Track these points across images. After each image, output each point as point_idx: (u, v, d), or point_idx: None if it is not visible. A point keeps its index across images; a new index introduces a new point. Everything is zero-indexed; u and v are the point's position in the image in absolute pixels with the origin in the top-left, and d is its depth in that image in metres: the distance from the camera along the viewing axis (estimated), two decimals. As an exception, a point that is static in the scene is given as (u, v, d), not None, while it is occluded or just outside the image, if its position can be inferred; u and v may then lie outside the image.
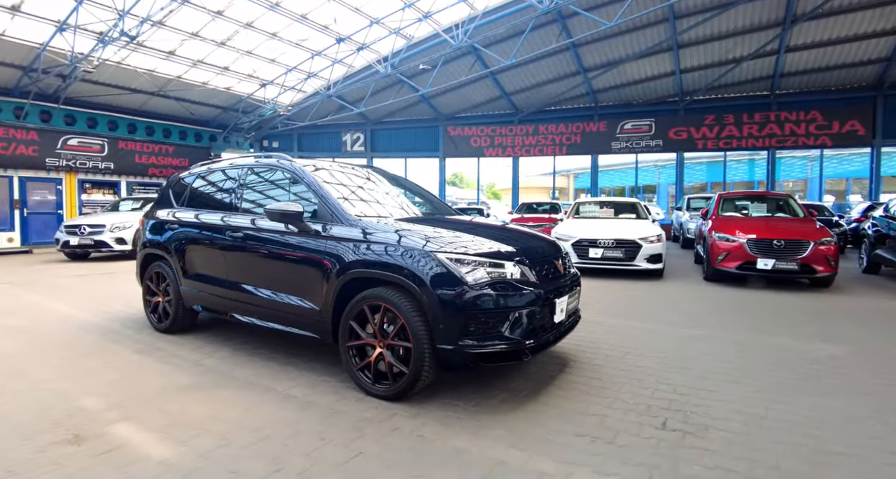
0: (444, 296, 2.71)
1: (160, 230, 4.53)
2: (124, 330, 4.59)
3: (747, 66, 16.47)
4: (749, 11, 14.12)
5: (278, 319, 3.49)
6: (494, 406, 2.89)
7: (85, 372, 3.41)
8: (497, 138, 20.91)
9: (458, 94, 19.60)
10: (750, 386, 3.27)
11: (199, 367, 3.56)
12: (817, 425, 2.71)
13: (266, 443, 2.41)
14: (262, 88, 18.10)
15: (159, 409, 2.81)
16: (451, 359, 2.76)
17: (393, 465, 2.22)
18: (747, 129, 18.20)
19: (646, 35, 15.51)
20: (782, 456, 2.36)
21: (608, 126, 19.79)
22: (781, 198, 9.31)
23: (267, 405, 2.89)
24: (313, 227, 3.29)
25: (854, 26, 14.36)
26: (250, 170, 4.03)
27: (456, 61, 16.94)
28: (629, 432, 2.59)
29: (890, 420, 2.76)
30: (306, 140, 22.77)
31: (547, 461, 2.27)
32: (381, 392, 2.93)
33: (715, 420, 2.73)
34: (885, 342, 4.36)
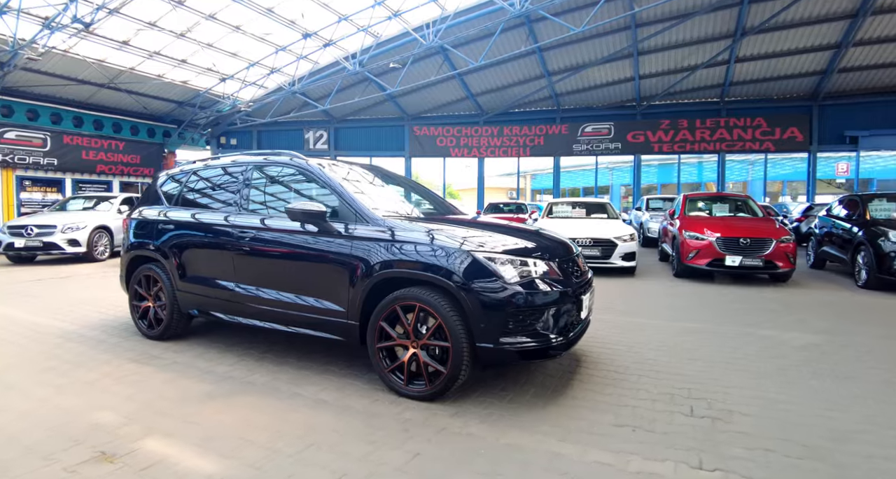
0: (484, 295, 2.73)
1: (151, 231, 4.28)
2: (110, 339, 4.30)
3: (701, 74, 17.40)
4: (704, 23, 14.93)
5: (297, 322, 3.38)
6: (529, 402, 2.94)
7: (85, 385, 3.18)
8: (463, 139, 21.06)
9: (424, 94, 19.59)
10: (752, 373, 3.49)
11: (210, 374, 3.40)
12: (824, 406, 2.93)
13: (315, 451, 2.35)
14: (221, 82, 17.42)
15: (184, 420, 2.67)
16: (491, 357, 2.79)
17: (455, 464, 2.23)
18: (699, 133, 19.22)
19: (609, 42, 16.08)
20: (805, 435, 2.55)
21: (570, 129, 20.37)
22: (741, 199, 9.92)
23: (299, 411, 2.80)
24: (336, 227, 3.23)
25: (794, 41, 15.48)
26: (258, 168, 3.89)
27: (424, 61, 16.93)
28: (663, 420, 2.71)
29: (885, 400, 3.02)
30: (266, 138, 22.09)
31: (601, 451, 2.35)
32: (416, 393, 2.91)
33: (736, 406, 2.90)
34: (851, 330, 4.75)
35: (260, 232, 3.56)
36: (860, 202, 8.46)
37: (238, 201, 3.82)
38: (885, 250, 7.05)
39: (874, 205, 8.47)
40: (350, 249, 3.13)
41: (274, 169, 3.85)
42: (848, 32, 14.69)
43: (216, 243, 3.80)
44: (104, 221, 11.07)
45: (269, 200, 3.78)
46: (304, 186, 3.66)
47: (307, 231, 3.32)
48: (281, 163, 3.79)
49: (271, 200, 3.76)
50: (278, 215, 3.60)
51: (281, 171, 3.82)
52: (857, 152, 18.02)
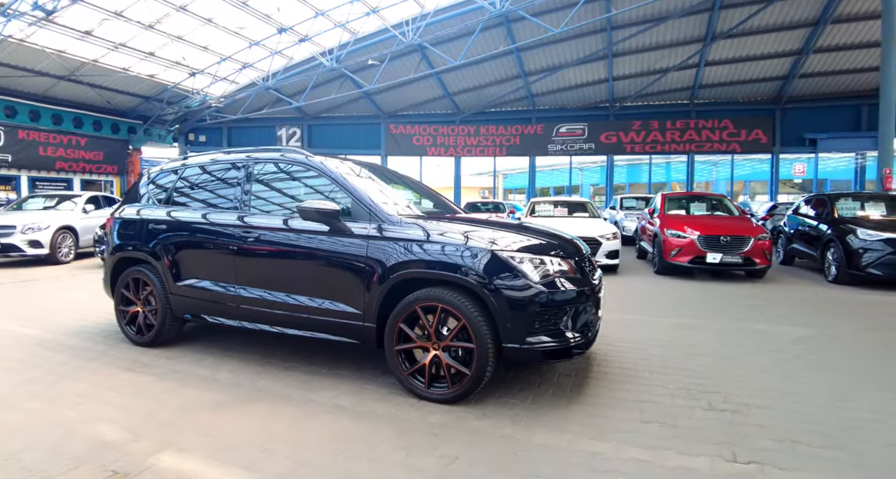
0: (511, 295, 2.70)
1: (141, 231, 4.05)
2: (95, 346, 4.04)
3: (672, 76, 17.90)
4: (677, 26, 15.35)
5: (308, 326, 3.26)
6: (551, 402, 2.92)
7: (80, 397, 2.96)
8: (439, 138, 21.03)
9: (400, 92, 19.45)
10: (755, 367, 3.58)
11: (214, 382, 3.23)
12: (831, 397, 3.02)
13: (346, 460, 2.25)
14: (191, 77, 16.81)
15: (197, 432, 2.52)
16: (516, 358, 2.75)
17: (495, 468, 2.17)
18: (670, 134, 19.80)
19: (585, 43, 16.35)
20: (821, 425, 2.62)
21: (545, 129, 20.63)
22: (716, 198, 10.24)
23: (317, 418, 2.69)
24: (350, 226, 3.13)
25: (760, 47, 16.12)
26: (260, 164, 3.73)
27: (402, 59, 16.80)
28: (685, 415, 2.74)
29: (884, 389, 3.15)
30: (237, 134, 21.48)
31: (635, 448, 2.35)
32: (438, 396, 2.84)
33: (750, 398, 2.96)
34: (834, 324, 4.95)
35: (266, 232, 3.41)
36: (828, 201, 8.85)
37: (239, 200, 3.65)
38: (854, 247, 7.38)
39: (840, 204, 8.89)
40: (366, 249, 3.03)
41: (279, 166, 3.70)
42: (809, 40, 15.39)
43: (215, 244, 3.63)
44: (68, 221, 10.50)
45: (273, 198, 3.63)
46: (310, 184, 3.52)
47: (318, 231, 3.19)
48: (287, 160, 3.64)
49: (276, 199, 3.61)
50: (286, 215, 3.45)
51: (286, 168, 3.68)
52: (816, 154, 18.92)
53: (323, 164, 3.43)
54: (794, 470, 2.19)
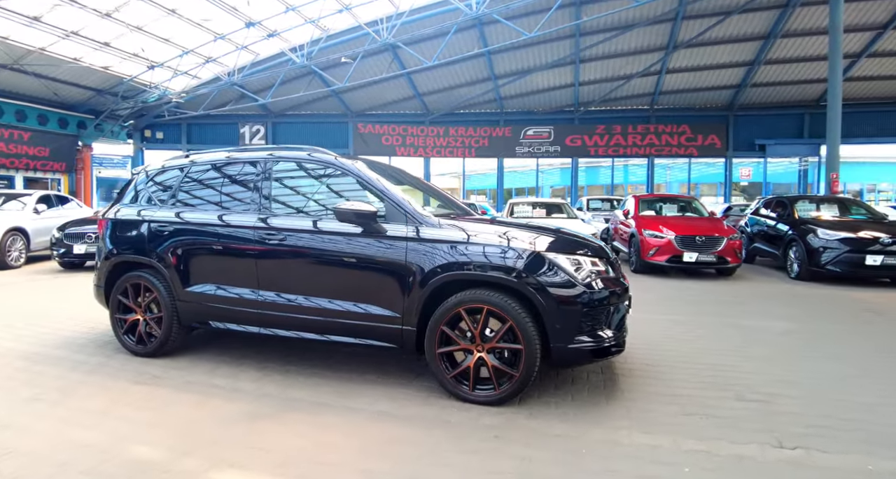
0: (560, 296, 2.73)
1: (143, 234, 3.78)
2: (89, 358, 3.73)
3: (635, 82, 18.59)
4: (642, 35, 15.96)
5: (339, 331, 3.16)
6: (590, 399, 2.98)
7: (95, 415, 2.75)
8: (409, 138, 20.94)
9: (369, 90, 19.23)
10: (761, 359, 3.78)
11: (239, 392, 3.08)
12: (840, 384, 3.25)
13: (415, 467, 2.20)
14: (149, 70, 15.98)
15: (243, 446, 2.39)
16: (565, 357, 2.80)
17: (569, 466, 2.20)
18: (631, 138, 20.55)
19: (554, 48, 16.71)
20: (841, 410, 2.83)
21: (513, 131, 20.94)
22: (686, 200, 10.73)
23: (365, 425, 2.62)
24: (387, 228, 3.07)
25: (716, 56, 17.01)
26: (282, 164, 3.59)
27: (373, 57, 16.61)
28: (720, 406, 2.87)
29: (879, 376, 3.41)
30: (198, 131, 20.59)
31: (689, 440, 2.44)
32: (484, 398, 2.83)
33: (770, 389, 3.13)
34: (811, 318, 5.30)
35: (294, 234, 3.28)
36: (788, 203, 9.46)
37: (258, 201, 3.49)
38: (815, 246, 7.92)
39: (799, 206, 9.52)
40: (405, 251, 2.98)
41: (303, 166, 3.58)
42: (760, 52, 16.39)
43: (234, 247, 3.46)
44: (18, 222, 9.72)
45: (299, 199, 3.51)
46: (337, 185, 3.44)
47: (352, 233, 3.11)
48: (313, 160, 3.52)
49: (302, 200, 3.50)
50: (314, 216, 3.34)
51: (311, 168, 3.56)
52: (765, 159, 20.14)
53: (354, 166, 3.35)
54: (837, 453, 2.34)
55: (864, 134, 18.68)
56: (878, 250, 7.45)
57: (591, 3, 14.20)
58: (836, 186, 12.06)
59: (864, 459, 2.29)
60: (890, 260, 7.38)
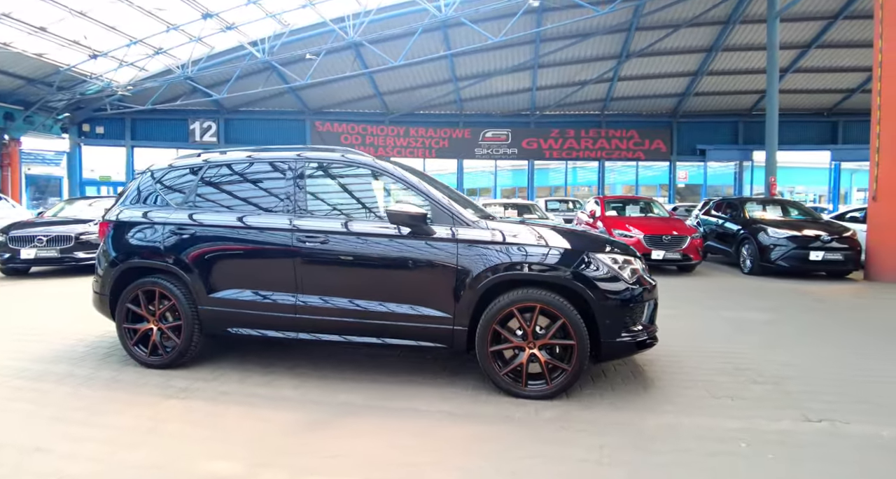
0: (609, 293, 2.92)
1: (159, 237, 3.58)
2: (97, 372, 3.48)
3: (588, 88, 19.44)
4: (598, 43, 16.73)
5: (390, 332, 3.17)
6: (629, 389, 3.17)
7: (143, 433, 2.59)
8: (368, 137, 20.76)
9: (328, 88, 18.90)
10: (756, 346, 4.15)
11: (286, 401, 3.01)
12: (835, 364, 3.66)
13: (506, 461, 2.27)
14: (91, 59, 14.88)
15: (321, 455, 2.35)
16: (613, 351, 2.98)
17: (646, 449, 2.39)
18: (584, 142, 21.47)
19: (515, 53, 17.17)
20: (843, 386, 3.21)
21: (472, 133, 21.29)
22: (646, 201, 11.40)
23: (434, 426, 2.65)
24: (436, 230, 3.11)
25: (664, 66, 18.13)
26: (314, 164, 3.54)
27: (335, 55, 16.35)
28: (740, 388, 3.16)
29: (861, 356, 3.87)
30: (143, 127, 19.38)
31: (731, 420, 2.69)
32: (537, 393, 2.95)
33: (777, 372, 3.47)
34: (779, 308, 5.85)
35: (337, 237, 3.24)
36: (739, 205, 10.29)
37: (291, 202, 3.40)
38: (765, 243, 8.69)
39: (748, 206, 10.38)
40: (455, 252, 3.05)
41: (337, 167, 3.55)
42: (703, 63, 17.64)
43: (269, 250, 3.37)
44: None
45: (332, 200, 3.48)
46: (372, 187, 3.46)
47: (400, 235, 3.13)
48: (347, 161, 3.48)
49: (336, 201, 3.47)
50: (352, 217, 3.32)
51: (345, 169, 3.53)
52: (705, 162, 21.67)
53: (396, 168, 3.39)
54: (856, 423, 2.67)
55: (787, 141, 20.38)
56: (819, 246, 8.29)
57: (553, 11, 14.72)
58: (775, 188, 13.23)
59: (876, 428, 2.64)
60: (829, 256, 8.24)
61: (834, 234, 8.39)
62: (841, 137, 20.36)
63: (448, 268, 3.06)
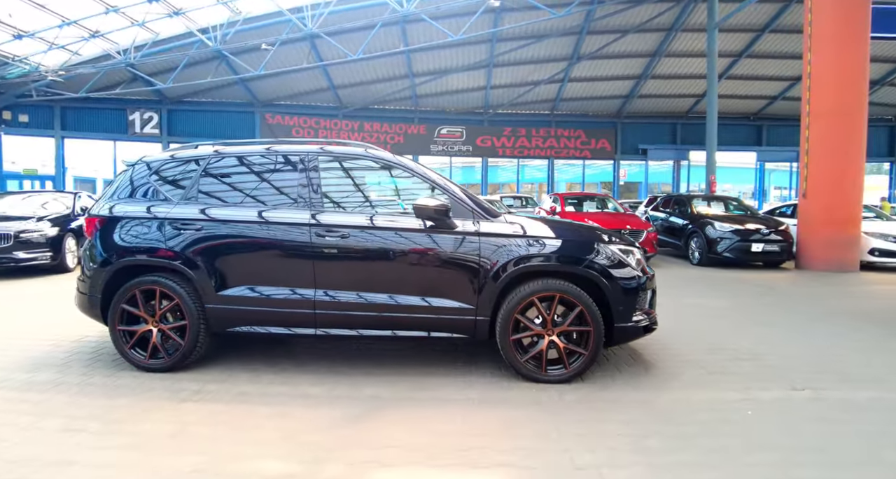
0: (622, 281, 3.16)
1: (157, 233, 3.42)
2: (89, 380, 3.22)
3: (540, 89, 20.05)
4: (551, 45, 17.31)
5: (409, 325, 3.23)
6: (632, 371, 3.43)
7: (173, 439, 2.47)
8: (322, 131, 20.32)
9: (280, 80, 18.32)
10: (726, 328, 4.59)
11: (311, 398, 2.98)
12: (796, 342, 4.12)
13: (556, 440, 2.42)
14: (16, 40, 13.57)
15: (374, 446, 2.37)
16: (625, 335, 3.22)
17: (667, 420, 2.63)
18: (535, 141, 22.13)
19: (471, 51, 17.42)
20: (813, 359, 3.65)
21: (427, 130, 21.38)
22: (602, 197, 12.02)
23: (472, 413, 2.74)
24: (458, 223, 3.21)
25: (610, 69, 19.05)
26: (332, 158, 3.53)
27: (289, 46, 15.87)
28: (728, 365, 3.50)
29: (816, 336, 4.38)
30: (75, 116, 17.89)
31: (730, 392, 3.01)
32: (557, 377, 3.13)
33: (753, 349, 3.87)
34: (734, 295, 6.42)
35: (360, 231, 3.25)
36: (686, 201, 11.09)
37: (310, 196, 3.38)
38: (712, 237, 9.45)
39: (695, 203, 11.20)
40: (478, 245, 3.17)
41: (356, 163, 3.54)
42: (647, 67, 18.70)
43: (285, 246, 3.32)
44: None
45: (353, 195, 3.49)
46: (391, 182, 3.51)
47: (423, 229, 3.20)
48: (369, 157, 3.49)
49: (357, 196, 3.49)
50: (375, 212, 3.35)
51: (365, 165, 3.53)
52: (646, 162, 22.97)
53: (416, 164, 3.46)
54: (831, 390, 3.07)
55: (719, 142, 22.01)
56: (759, 239, 9.14)
57: (511, 11, 15.08)
58: (715, 186, 14.31)
59: (849, 393, 3.05)
60: (768, 247, 9.10)
61: (771, 227, 9.27)
62: (765, 139, 22.24)
63: (471, 261, 3.18)
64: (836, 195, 8.84)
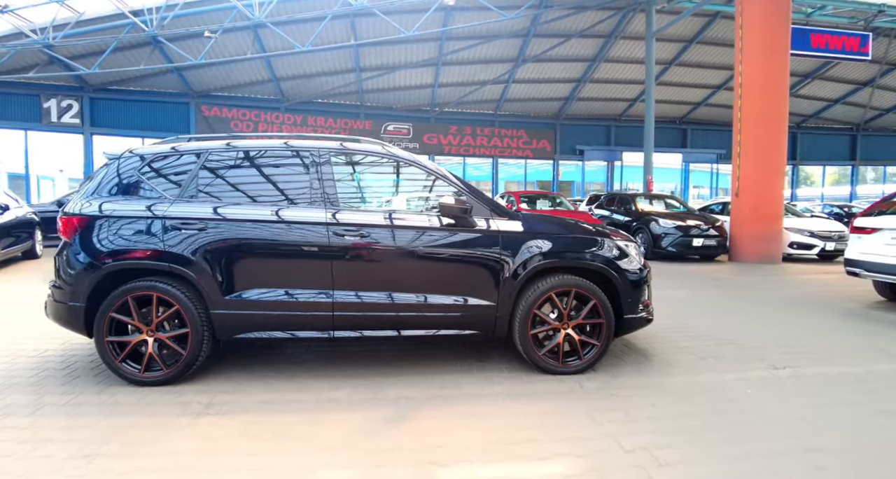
0: (630, 275, 3.39)
1: (155, 233, 3.18)
2: (81, 399, 2.92)
3: (486, 89, 20.43)
4: (499, 46, 17.69)
5: (428, 324, 3.26)
6: (635, 360, 3.69)
7: (206, 456, 2.33)
8: (262, 125, 19.46)
9: (218, 70, 17.35)
10: (701, 317, 5.00)
11: (336, 402, 2.91)
12: (762, 327, 4.58)
13: (601, 425, 2.58)
14: None
15: (425, 445, 2.40)
16: (632, 325, 3.44)
17: (687, 401, 2.88)
18: (479, 139, 22.52)
19: (420, 49, 17.42)
20: (782, 342, 4.08)
21: (373, 126, 21.09)
22: (555, 196, 12.54)
23: (507, 407, 2.83)
24: (478, 222, 3.28)
25: (553, 72, 19.79)
26: (348, 156, 3.45)
27: (231, 34, 15.05)
28: (714, 350, 3.86)
29: (774, 319, 4.91)
30: (-26, 101, 15.84)
31: (727, 373, 3.35)
32: (574, 368, 3.30)
33: (728, 335, 4.28)
34: (688, 287, 7.00)
35: (381, 230, 3.22)
36: (631, 199, 11.83)
37: (327, 194, 3.28)
38: (657, 233, 10.18)
39: (639, 201, 11.98)
40: (499, 243, 3.27)
41: (372, 160, 3.48)
42: (586, 71, 19.63)
43: (302, 246, 3.21)
44: None
45: (370, 193, 3.46)
46: (410, 181, 3.52)
47: (447, 227, 3.24)
48: (384, 155, 3.45)
49: (375, 194, 3.46)
50: (395, 211, 3.33)
51: (381, 162, 3.48)
52: (583, 162, 24.11)
53: (433, 164, 3.51)
54: (807, 367, 3.50)
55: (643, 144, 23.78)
56: (698, 234, 9.96)
57: (462, 11, 15.25)
58: (652, 185, 15.35)
59: (822, 368, 3.48)
60: (707, 242, 9.94)
61: (708, 224, 10.13)
62: (689, 142, 24.09)
63: (492, 258, 3.26)
64: (763, 194, 9.84)
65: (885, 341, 4.22)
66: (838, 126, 24.98)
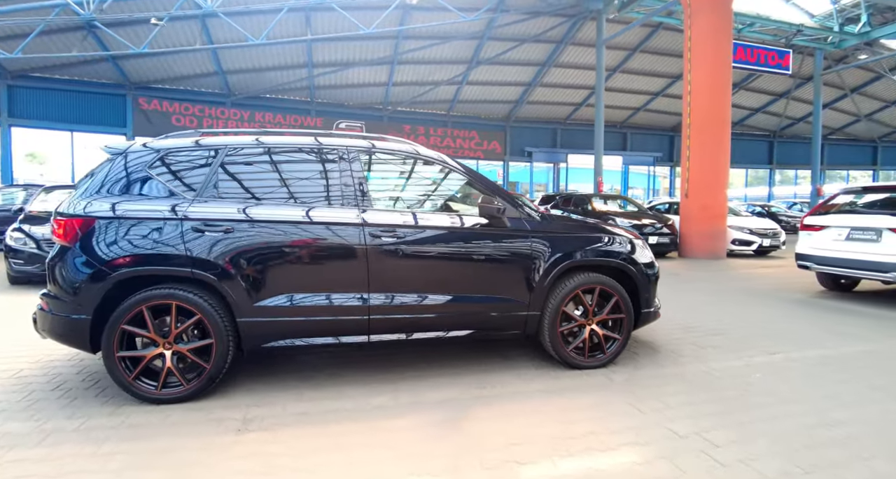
0: (647, 271, 3.61)
1: (175, 236, 2.95)
2: (86, 423, 2.67)
3: (440, 89, 20.55)
4: (454, 48, 17.85)
5: (461, 325, 3.29)
6: (647, 352, 3.91)
7: (268, 474, 2.24)
8: (206, 120, 18.46)
9: (158, 60, 16.26)
10: (684, 310, 5.34)
11: (384, 409, 2.86)
12: (740, 318, 4.99)
13: (639, 416, 2.75)
14: None
15: (494, 446, 2.46)
16: (648, 319, 3.65)
17: (711, 387, 3.13)
18: (432, 140, 22.57)
19: (376, 46, 17.23)
20: (763, 332, 4.47)
21: (324, 123, 20.54)
22: (517, 196, 12.86)
23: (554, 403, 2.92)
24: (510, 223, 3.35)
25: (504, 75, 20.25)
26: (380, 155, 3.41)
27: (176, 23, 14.17)
28: (711, 340, 4.18)
29: (749, 308, 5.37)
30: None
31: (730, 361, 3.64)
32: (598, 363, 3.47)
33: (715, 326, 4.65)
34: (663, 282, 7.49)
35: (417, 231, 3.20)
36: (587, 199, 12.39)
37: (359, 194, 3.20)
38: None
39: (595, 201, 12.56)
40: (530, 243, 3.35)
41: (404, 161, 3.45)
42: (536, 75, 20.25)
43: (336, 247, 3.11)
44: None
45: (403, 194, 3.43)
46: (442, 182, 3.52)
47: (481, 228, 3.29)
48: (417, 155, 3.43)
49: (407, 195, 3.43)
50: (430, 212, 3.33)
51: (409, 162, 3.46)
52: (531, 163, 24.85)
53: (464, 165, 3.53)
54: (795, 352, 3.88)
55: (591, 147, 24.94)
56: (653, 232, 10.62)
57: (420, 11, 15.25)
58: (602, 186, 16.11)
59: (807, 352, 3.88)
60: (661, 239, 10.63)
61: (661, 222, 10.83)
62: (629, 145, 25.48)
63: (524, 257, 3.35)
64: (709, 195, 10.65)
65: (843, 326, 4.75)
66: (758, 133, 27.39)
